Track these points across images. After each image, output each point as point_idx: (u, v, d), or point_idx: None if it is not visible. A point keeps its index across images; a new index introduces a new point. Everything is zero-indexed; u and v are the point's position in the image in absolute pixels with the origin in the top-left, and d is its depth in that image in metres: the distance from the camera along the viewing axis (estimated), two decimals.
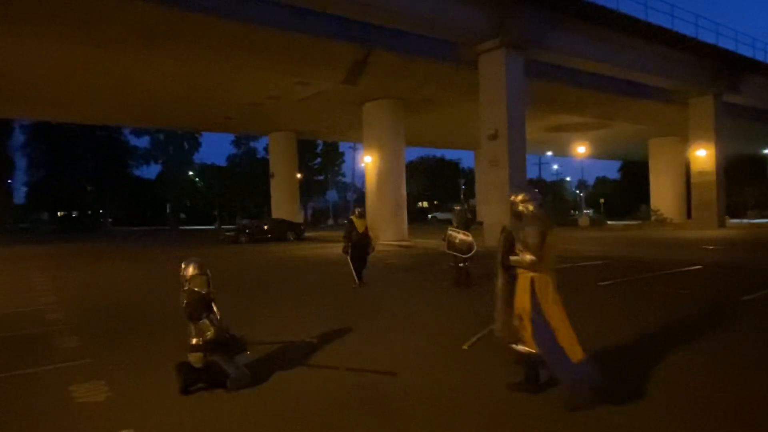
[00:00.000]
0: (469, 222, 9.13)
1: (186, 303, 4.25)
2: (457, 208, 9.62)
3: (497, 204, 18.13)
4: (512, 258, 3.62)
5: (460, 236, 8.58)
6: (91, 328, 6.68)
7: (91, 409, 3.84)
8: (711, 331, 5.81)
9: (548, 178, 71.78)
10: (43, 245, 26.63)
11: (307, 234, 28.56)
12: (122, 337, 6.17)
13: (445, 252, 8.83)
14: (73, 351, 5.51)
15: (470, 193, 51.70)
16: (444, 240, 8.89)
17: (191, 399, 4.04)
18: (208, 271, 4.41)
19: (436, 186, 56.90)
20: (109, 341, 5.95)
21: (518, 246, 3.60)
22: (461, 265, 8.83)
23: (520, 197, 3.72)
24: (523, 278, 3.64)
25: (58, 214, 59.62)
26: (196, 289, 4.28)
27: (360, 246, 9.67)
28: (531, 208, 3.68)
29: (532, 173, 66.42)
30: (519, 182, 4.19)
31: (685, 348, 5.12)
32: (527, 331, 3.60)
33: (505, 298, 3.67)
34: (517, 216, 3.69)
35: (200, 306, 4.25)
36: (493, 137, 18.20)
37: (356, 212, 10.11)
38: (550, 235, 3.61)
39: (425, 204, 60.39)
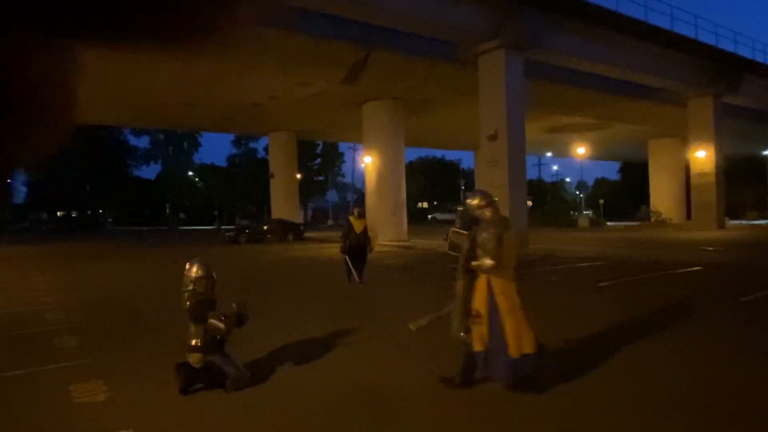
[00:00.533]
0: (471, 222, 9.06)
1: (190, 304, 4.24)
2: (460, 208, 9.58)
3: (498, 205, 18.11)
4: (473, 263, 3.81)
5: (463, 237, 8.55)
6: (90, 328, 6.69)
7: (90, 409, 3.85)
8: (708, 332, 5.82)
9: (548, 178, 71.96)
10: (43, 245, 26.64)
11: (306, 234, 28.60)
12: (122, 337, 6.19)
13: (447, 252, 8.70)
14: (73, 351, 5.52)
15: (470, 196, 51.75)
16: (445, 239, 8.71)
17: (190, 399, 4.05)
18: (214, 274, 4.40)
19: (435, 187, 56.91)
20: (109, 341, 5.97)
21: (478, 250, 3.78)
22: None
23: (475, 201, 3.91)
24: (481, 279, 3.82)
25: (58, 213, 59.64)
26: (200, 290, 4.27)
27: (358, 246, 9.66)
28: (488, 213, 3.87)
29: (531, 174, 66.69)
30: (478, 189, 4.35)
31: (682, 349, 5.13)
32: (480, 330, 3.75)
33: (464, 300, 3.82)
34: (474, 221, 3.86)
35: (206, 307, 4.24)
36: (493, 138, 18.22)
37: (355, 212, 10.12)
38: (508, 238, 3.77)
39: (425, 205, 60.38)
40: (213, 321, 4.20)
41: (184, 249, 21.84)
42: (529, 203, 35.12)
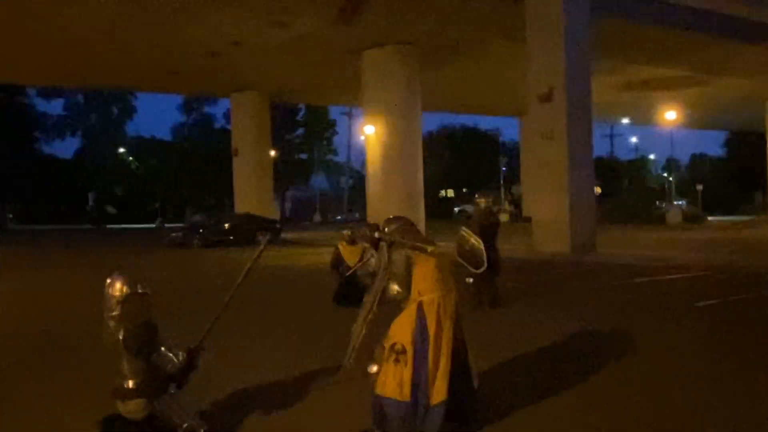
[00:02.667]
0: (489, 223, 9.16)
1: (125, 333, 4.22)
2: (481, 200, 9.61)
3: (552, 192, 18.12)
4: (377, 285, 4.43)
5: (472, 241, 8.66)
6: None
7: None
8: None
9: (624, 155, 71.77)
10: None
11: (284, 235, 28.67)
12: (29, 380, 6.22)
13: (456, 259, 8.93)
14: None
15: (514, 177, 51.65)
16: (459, 243, 8.99)
17: None
18: (148, 288, 4.41)
19: (465, 167, 56.80)
20: (10, 386, 5.99)
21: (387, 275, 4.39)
22: (468, 280, 8.95)
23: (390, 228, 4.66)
24: (410, 304, 4.28)
25: None
26: (132, 313, 4.27)
27: (354, 286, 9.22)
28: (396, 232, 4.53)
29: (600, 149, 66.22)
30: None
31: None
32: (399, 373, 4.14)
33: (362, 324, 4.42)
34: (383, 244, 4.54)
35: (147, 335, 4.25)
36: (546, 98, 18.20)
37: (346, 236, 10.16)
38: (437, 256, 4.34)
39: (450, 193, 60.37)
40: (164, 350, 4.23)
41: (114, 256, 21.94)
42: (598, 190, 35.02)
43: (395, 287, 4.34)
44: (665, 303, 9.93)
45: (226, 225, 27.08)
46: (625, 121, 52.21)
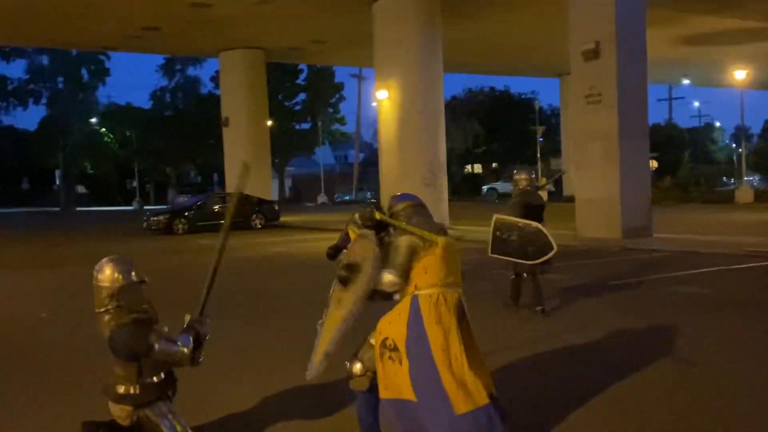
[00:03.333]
0: (532, 204, 8.75)
1: (112, 336, 4.22)
2: (521, 177, 9.09)
3: (599, 167, 17.99)
4: (366, 280, 4.34)
5: (520, 225, 8.26)
6: None
7: None
8: None
9: (684, 122, 70.99)
10: None
11: (283, 218, 28.74)
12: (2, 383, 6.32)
13: (493, 256, 8.60)
14: None
15: (552, 149, 51.31)
16: (495, 234, 8.47)
17: None
18: (144, 276, 4.41)
19: (495, 138, 56.55)
20: None
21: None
22: (512, 277, 8.85)
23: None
24: (403, 297, 4.32)
25: None
26: (126, 305, 4.30)
27: None
28: (403, 212, 4.57)
29: (656, 115, 65.17)
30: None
31: None
32: (395, 367, 4.21)
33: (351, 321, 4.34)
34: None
35: (143, 328, 4.25)
36: (593, 55, 18.03)
37: (355, 218, 10.10)
38: (445, 248, 4.34)
39: (477, 169, 60.15)
40: (162, 346, 4.20)
41: (87, 243, 22.11)
42: (654, 164, 34.66)
43: (390, 277, 4.29)
44: (735, 298, 9.84)
45: (216, 207, 27.15)
46: (686, 82, 51.62)
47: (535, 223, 8.13)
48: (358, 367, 4.41)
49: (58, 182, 62.60)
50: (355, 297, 4.34)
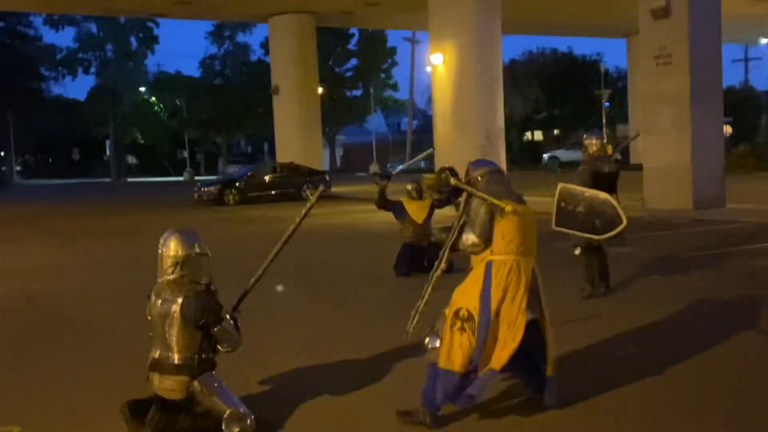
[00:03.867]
0: (605, 172, 8.18)
1: (185, 302, 4.34)
2: (592, 142, 8.49)
3: (669, 133, 17.56)
4: (450, 240, 4.63)
5: (587, 195, 7.82)
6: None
7: None
8: None
9: (761, 84, 68.75)
10: None
11: (334, 189, 28.82)
12: (47, 357, 6.49)
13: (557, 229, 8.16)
14: None
15: (619, 115, 50.28)
16: (559, 205, 8.06)
17: None
18: (207, 249, 4.61)
19: (557, 104, 55.69)
20: (28, 364, 6.29)
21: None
22: (576, 251, 8.33)
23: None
24: (478, 265, 4.51)
25: None
26: (190, 277, 4.47)
27: (419, 251, 9.71)
28: (480, 179, 4.68)
29: (730, 77, 63.16)
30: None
31: None
32: (460, 341, 4.36)
33: (432, 286, 4.65)
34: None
35: (210, 304, 4.42)
36: (663, 13, 17.55)
37: (410, 188, 10.15)
38: (521, 215, 4.50)
39: (537, 136, 59.46)
40: (228, 322, 4.48)
41: (139, 214, 22.56)
42: (728, 130, 33.63)
43: (472, 237, 4.48)
44: None
45: (267, 178, 27.46)
46: (764, 41, 49.93)
47: (603, 194, 7.62)
48: (437, 344, 4.46)
49: (108, 152, 63.87)
50: (443, 254, 4.66)
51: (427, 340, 4.52)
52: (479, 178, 4.66)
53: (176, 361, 4.39)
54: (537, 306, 4.48)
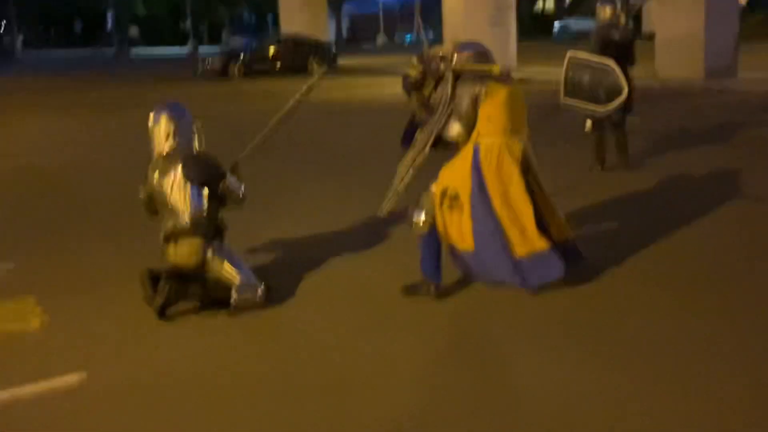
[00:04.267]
0: (618, 40, 7.82)
1: (186, 162, 4.50)
2: (605, 9, 8.06)
3: (683, 1, 17.08)
4: (433, 124, 4.57)
5: (593, 62, 7.49)
6: (9, 216, 7.21)
7: (20, 342, 4.22)
8: None
9: None
10: None
11: (340, 61, 28.41)
12: (57, 229, 6.64)
13: (565, 102, 7.87)
14: None
15: None
16: (567, 75, 7.73)
17: (173, 326, 4.35)
18: (198, 123, 4.72)
19: None
20: (39, 235, 6.44)
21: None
22: (587, 128, 8.10)
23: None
24: (466, 147, 4.48)
25: None
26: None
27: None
28: (468, 61, 4.58)
29: None
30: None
31: None
32: (454, 217, 4.43)
33: (411, 163, 4.63)
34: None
35: (211, 161, 4.60)
36: None
37: (415, 62, 9.84)
38: (508, 94, 4.47)
39: (549, 5, 57.98)
40: (231, 179, 4.64)
41: (142, 88, 22.38)
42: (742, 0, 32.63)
43: (457, 127, 4.50)
44: None
45: (271, 49, 26.97)
46: None
47: (609, 60, 7.37)
48: (422, 218, 4.54)
49: (110, 24, 62.57)
50: (425, 138, 4.58)
51: (410, 213, 4.61)
52: (464, 61, 4.61)
53: (187, 221, 4.49)
54: (535, 181, 4.56)
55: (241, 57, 26.46)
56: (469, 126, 4.46)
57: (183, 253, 4.51)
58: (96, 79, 28.24)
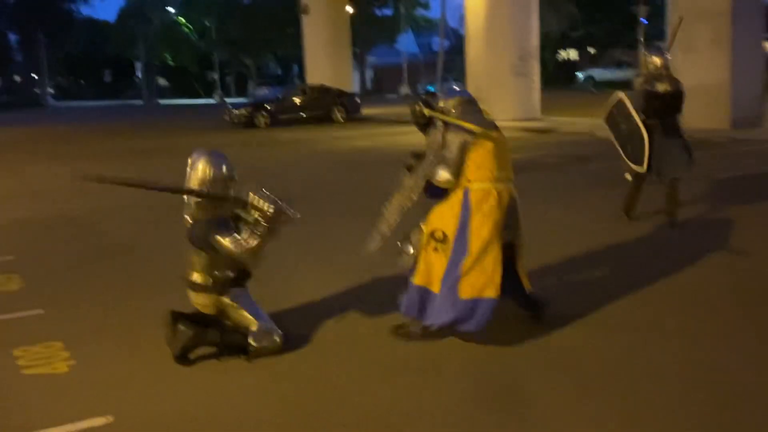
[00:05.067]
0: (667, 93, 7.45)
1: (192, 226, 4.52)
2: (655, 59, 7.61)
3: (708, 50, 17.13)
4: (423, 170, 4.66)
5: (632, 124, 7.38)
6: (38, 262, 7.34)
7: (47, 385, 4.30)
8: None
9: None
10: None
11: (364, 111, 28.72)
12: (86, 275, 6.76)
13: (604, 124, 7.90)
14: (14, 297, 6.12)
15: (658, 33, 48.88)
16: (610, 112, 7.72)
17: (192, 372, 4.40)
18: (234, 171, 4.61)
19: (593, 21, 54.28)
20: (68, 282, 6.55)
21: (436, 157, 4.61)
22: (627, 176, 7.89)
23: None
24: (455, 192, 4.59)
25: None
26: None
27: None
28: (454, 109, 4.68)
29: None
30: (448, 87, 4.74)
31: None
32: (433, 261, 4.58)
33: (404, 206, 4.75)
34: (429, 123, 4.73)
35: (217, 228, 4.46)
36: None
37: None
38: (495, 142, 4.59)
39: (572, 54, 58.19)
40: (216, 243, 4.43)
41: (172, 136, 22.76)
42: None
43: (445, 174, 4.57)
44: None
45: (297, 100, 27.38)
46: None
47: (645, 133, 7.18)
48: (410, 250, 4.72)
49: (138, 74, 63.90)
50: (413, 183, 4.72)
51: (399, 245, 4.76)
52: (452, 109, 4.71)
53: (200, 281, 4.56)
54: (516, 230, 4.73)
55: (268, 107, 26.86)
56: (457, 173, 4.55)
57: (200, 303, 4.61)
58: (126, 128, 28.78)
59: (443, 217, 4.61)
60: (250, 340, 4.46)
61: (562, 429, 3.56)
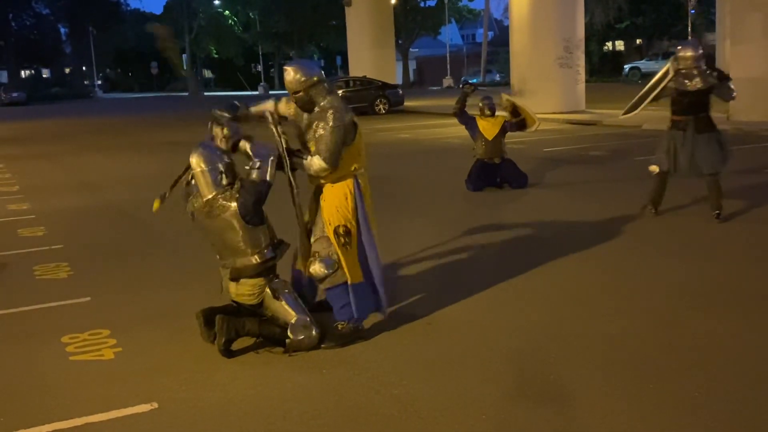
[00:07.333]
0: (684, 91, 7.34)
1: (243, 200, 4.45)
2: (687, 53, 7.32)
3: (759, 41, 16.76)
4: (296, 160, 4.58)
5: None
6: (87, 252, 7.51)
7: (93, 372, 4.41)
8: None
9: None
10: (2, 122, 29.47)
11: (407, 102, 28.69)
12: (136, 265, 6.90)
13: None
14: (63, 286, 6.28)
15: (706, 23, 48.02)
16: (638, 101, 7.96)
17: (238, 363, 4.46)
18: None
19: (640, 11, 53.43)
20: (116, 272, 6.69)
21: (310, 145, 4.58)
22: (652, 168, 7.73)
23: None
24: (339, 182, 4.59)
25: (22, 74, 65.02)
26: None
27: (491, 167, 9.91)
28: (329, 98, 4.74)
29: None
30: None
31: None
32: (351, 252, 4.60)
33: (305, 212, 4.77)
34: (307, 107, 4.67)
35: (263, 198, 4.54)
36: None
37: (482, 105, 10.05)
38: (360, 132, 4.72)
39: (619, 46, 57.43)
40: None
41: None
42: None
43: (322, 163, 4.48)
44: None
45: (341, 91, 27.44)
46: None
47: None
48: (332, 268, 4.61)
49: (184, 66, 64.73)
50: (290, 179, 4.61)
51: (320, 267, 4.61)
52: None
53: (249, 264, 4.52)
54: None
55: None
56: (335, 164, 4.49)
57: (244, 293, 4.59)
58: (172, 120, 29.15)
59: (340, 210, 4.61)
60: (289, 333, 4.47)
61: (600, 424, 3.53)
